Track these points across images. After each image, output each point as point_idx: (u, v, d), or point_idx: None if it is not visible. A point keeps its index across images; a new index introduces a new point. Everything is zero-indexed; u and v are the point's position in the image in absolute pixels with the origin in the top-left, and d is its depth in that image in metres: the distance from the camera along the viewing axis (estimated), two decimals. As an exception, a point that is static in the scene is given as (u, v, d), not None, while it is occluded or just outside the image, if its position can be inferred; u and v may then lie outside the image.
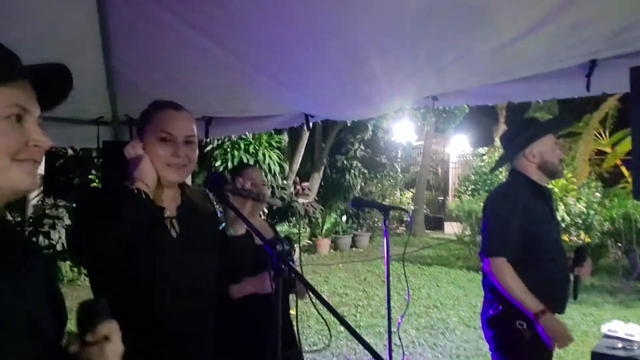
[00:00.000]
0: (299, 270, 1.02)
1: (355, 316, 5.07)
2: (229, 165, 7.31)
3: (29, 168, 0.69)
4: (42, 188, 6.43)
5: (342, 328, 1.77)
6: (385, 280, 1.92)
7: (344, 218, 9.66)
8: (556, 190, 7.09)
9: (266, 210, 7.35)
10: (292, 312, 1.76)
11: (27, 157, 0.69)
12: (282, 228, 7.87)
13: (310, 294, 1.00)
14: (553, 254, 1.90)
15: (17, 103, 0.68)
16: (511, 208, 1.87)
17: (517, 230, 1.84)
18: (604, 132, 9.81)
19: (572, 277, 1.95)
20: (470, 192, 11.32)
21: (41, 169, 5.69)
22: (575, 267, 1.95)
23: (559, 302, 1.91)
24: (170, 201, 1.28)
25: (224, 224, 1.39)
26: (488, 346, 1.97)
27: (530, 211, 1.88)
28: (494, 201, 2.00)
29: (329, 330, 1.56)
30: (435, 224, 12.45)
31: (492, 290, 1.90)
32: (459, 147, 14.80)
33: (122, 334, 0.75)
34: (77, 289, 5.65)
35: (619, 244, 6.87)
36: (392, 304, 1.98)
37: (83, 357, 0.72)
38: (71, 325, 0.77)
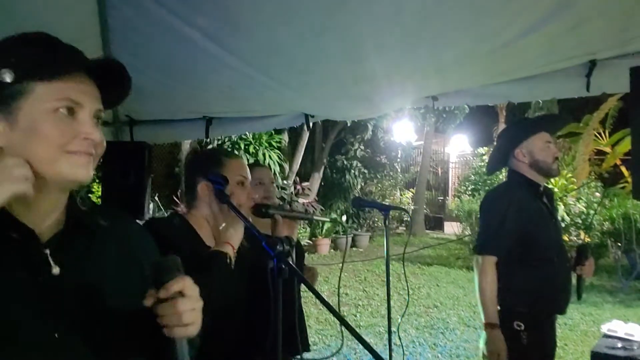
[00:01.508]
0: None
1: (356, 316, 5.07)
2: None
3: (81, 160, 0.71)
4: None
5: (342, 328, 1.78)
6: (386, 280, 1.92)
7: (344, 218, 9.66)
8: (556, 190, 7.09)
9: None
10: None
11: (77, 149, 0.71)
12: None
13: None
14: (552, 254, 1.89)
15: (68, 97, 0.71)
16: (505, 207, 1.87)
17: (512, 230, 1.84)
18: (604, 132, 9.81)
19: (574, 277, 1.95)
20: (470, 192, 11.32)
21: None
22: (577, 266, 1.94)
23: (561, 302, 1.90)
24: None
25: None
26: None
27: (526, 210, 1.87)
28: (490, 200, 2.00)
29: (342, 338, 1.54)
30: (435, 223, 12.45)
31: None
32: (459, 147, 14.80)
33: None
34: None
35: (619, 244, 6.87)
36: (392, 303, 1.99)
37: (159, 314, 0.70)
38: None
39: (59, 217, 0.75)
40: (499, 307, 1.86)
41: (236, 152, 7.66)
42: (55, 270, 0.70)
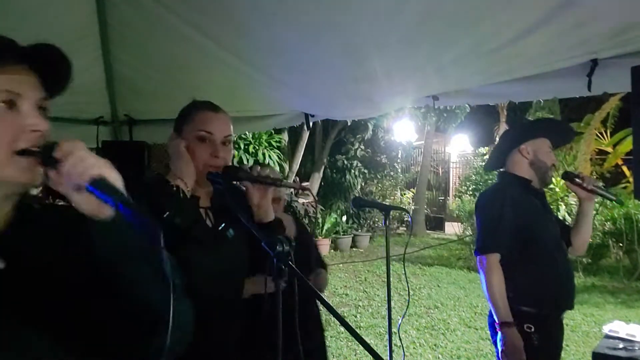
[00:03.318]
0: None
1: (356, 317, 5.06)
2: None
3: (28, 163, 0.66)
4: (40, 188, 6.41)
5: (342, 329, 1.77)
6: (386, 280, 1.92)
7: (344, 218, 9.65)
8: (557, 190, 7.08)
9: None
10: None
11: (28, 145, 0.66)
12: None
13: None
14: (552, 249, 1.89)
15: (4, 88, 0.66)
16: (501, 203, 1.88)
17: (510, 225, 1.84)
18: (606, 132, 9.79)
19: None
20: (471, 192, 11.30)
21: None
22: (576, 186, 1.91)
23: (567, 297, 1.89)
24: (205, 198, 1.32)
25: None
26: (490, 347, 1.96)
27: (520, 204, 1.88)
28: (484, 200, 2.01)
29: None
30: (436, 224, 12.43)
31: None
32: (460, 147, 14.79)
33: None
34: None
35: (620, 244, 6.85)
36: (392, 304, 1.98)
37: (64, 171, 0.63)
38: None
39: (8, 213, 0.71)
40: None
41: (236, 151, 7.66)
42: (1, 264, 0.66)
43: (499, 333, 1.79)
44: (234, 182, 1.29)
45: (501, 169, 2.07)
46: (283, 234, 1.06)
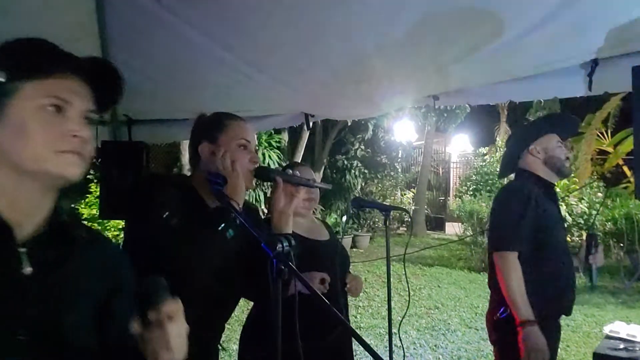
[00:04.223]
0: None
1: (356, 317, 5.05)
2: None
3: (70, 159, 0.72)
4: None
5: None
6: (386, 280, 1.91)
7: (344, 218, 9.64)
8: (558, 190, 7.07)
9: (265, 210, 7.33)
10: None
11: (67, 148, 0.71)
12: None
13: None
14: (560, 254, 1.88)
15: (56, 95, 0.72)
16: (525, 201, 1.83)
17: (530, 225, 1.80)
18: (606, 132, 9.78)
19: (588, 265, 1.94)
20: (471, 192, 11.29)
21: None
22: (588, 255, 1.93)
23: (567, 303, 1.89)
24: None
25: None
26: (490, 347, 1.95)
27: (542, 206, 1.85)
28: (506, 195, 1.96)
29: None
30: (437, 224, 12.42)
31: (500, 292, 1.84)
32: (460, 147, 14.78)
33: None
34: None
35: (621, 245, 6.84)
36: (392, 305, 1.97)
37: (144, 338, 0.69)
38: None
39: (42, 222, 0.74)
40: (508, 311, 1.80)
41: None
42: (27, 269, 0.69)
43: (521, 332, 1.73)
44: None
45: (519, 167, 2.02)
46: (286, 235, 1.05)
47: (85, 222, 0.86)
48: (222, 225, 1.37)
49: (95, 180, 7.18)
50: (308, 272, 1.57)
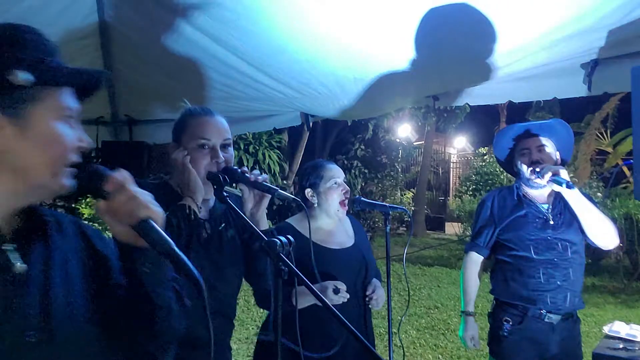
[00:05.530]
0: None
1: (356, 316, 5.05)
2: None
3: (70, 172, 0.70)
4: None
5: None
6: (386, 280, 1.91)
7: (345, 218, 9.64)
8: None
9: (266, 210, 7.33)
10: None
11: (75, 160, 0.70)
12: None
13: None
14: (541, 252, 1.88)
15: (69, 105, 0.70)
16: (489, 205, 2.06)
17: (492, 227, 2.03)
18: (606, 132, 9.79)
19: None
20: (471, 192, 11.29)
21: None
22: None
23: (544, 299, 1.87)
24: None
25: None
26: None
27: (504, 208, 2.00)
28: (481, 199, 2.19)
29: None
30: (436, 224, 12.42)
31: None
32: (460, 147, 14.79)
33: None
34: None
35: (621, 244, 6.84)
36: (392, 304, 1.97)
37: (112, 208, 0.68)
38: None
39: (26, 218, 0.73)
40: (494, 302, 2.02)
41: (236, 152, 7.66)
42: (22, 266, 0.67)
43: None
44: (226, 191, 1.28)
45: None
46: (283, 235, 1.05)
47: (85, 222, 0.85)
48: (222, 225, 1.37)
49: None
50: (320, 283, 1.51)
